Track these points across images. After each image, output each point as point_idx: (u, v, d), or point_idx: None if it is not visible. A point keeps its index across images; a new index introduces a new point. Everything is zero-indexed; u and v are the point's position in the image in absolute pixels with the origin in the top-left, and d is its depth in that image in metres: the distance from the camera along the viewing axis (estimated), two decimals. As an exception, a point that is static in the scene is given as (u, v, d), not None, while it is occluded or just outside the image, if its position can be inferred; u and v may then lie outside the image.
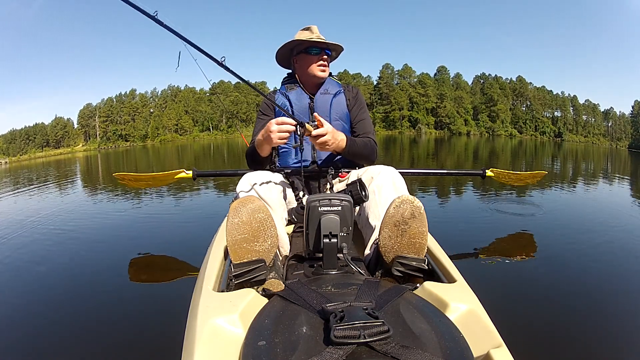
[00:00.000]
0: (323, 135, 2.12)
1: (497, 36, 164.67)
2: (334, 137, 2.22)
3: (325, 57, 2.65)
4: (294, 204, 2.33)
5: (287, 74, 2.87)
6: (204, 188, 9.27)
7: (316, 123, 2.12)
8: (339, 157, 2.60)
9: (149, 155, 36.86)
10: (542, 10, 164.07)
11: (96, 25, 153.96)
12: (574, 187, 10.00)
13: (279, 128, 2.10)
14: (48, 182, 13.96)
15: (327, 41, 2.62)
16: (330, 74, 2.75)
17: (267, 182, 2.09)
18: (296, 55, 2.71)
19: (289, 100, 2.67)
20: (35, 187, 12.48)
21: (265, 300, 1.34)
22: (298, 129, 2.09)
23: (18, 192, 11.50)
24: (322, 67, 2.64)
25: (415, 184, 8.91)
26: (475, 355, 1.14)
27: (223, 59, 1.82)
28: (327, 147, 2.20)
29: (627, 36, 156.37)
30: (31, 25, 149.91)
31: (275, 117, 2.64)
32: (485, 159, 21.24)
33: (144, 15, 1.64)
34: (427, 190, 8.57)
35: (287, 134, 2.13)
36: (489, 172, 4.31)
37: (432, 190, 8.60)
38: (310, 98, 2.68)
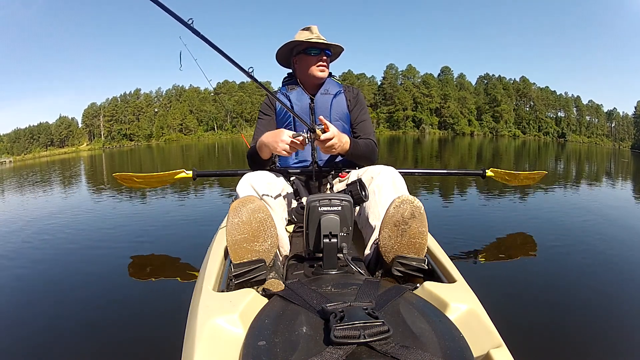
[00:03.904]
0: (330, 139, 2.13)
1: (501, 37, 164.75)
2: (340, 140, 2.22)
3: (325, 57, 2.64)
4: (294, 204, 2.32)
5: (288, 74, 2.86)
6: (204, 188, 9.29)
7: (323, 127, 2.13)
8: (339, 157, 2.60)
9: (153, 154, 36.92)
10: (546, 10, 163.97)
11: (99, 25, 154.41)
12: (575, 187, 9.99)
13: (291, 141, 2.11)
14: (51, 182, 14.02)
15: (326, 42, 2.61)
16: (330, 74, 2.74)
17: (267, 182, 2.09)
18: (296, 56, 2.70)
19: (289, 101, 2.66)
20: (39, 186, 12.53)
21: (265, 300, 1.33)
22: (309, 134, 2.10)
23: (21, 191, 11.56)
24: (321, 68, 2.63)
25: (415, 184, 8.90)
26: (475, 355, 1.14)
27: (251, 70, 1.85)
28: (333, 150, 2.21)
29: (630, 37, 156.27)
30: (32, 25, 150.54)
31: (276, 117, 2.65)
32: (489, 160, 21.23)
33: (180, 23, 1.69)
34: (427, 190, 8.56)
35: (293, 151, 2.15)
36: (489, 172, 4.31)
37: (432, 190, 8.59)
38: (311, 98, 2.67)
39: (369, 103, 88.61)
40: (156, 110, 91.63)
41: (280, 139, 2.13)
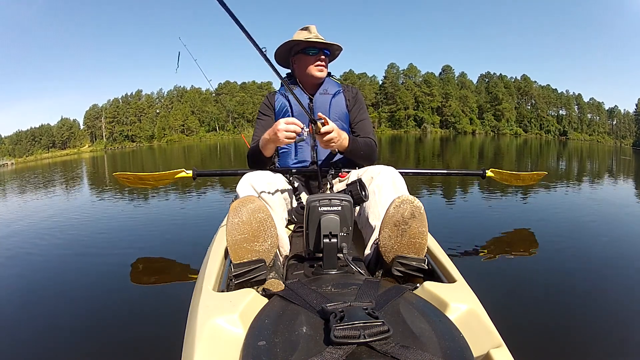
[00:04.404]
0: (330, 132, 2.15)
1: (502, 35, 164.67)
2: (339, 135, 2.25)
3: (323, 57, 2.65)
4: (294, 204, 2.34)
5: (286, 74, 2.87)
6: (204, 188, 9.27)
7: (322, 121, 2.15)
8: (339, 157, 2.61)
9: (155, 155, 36.95)
10: (547, 9, 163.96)
11: (99, 26, 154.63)
12: (576, 187, 9.91)
13: (287, 127, 2.13)
14: (52, 184, 14.05)
15: (324, 41, 2.62)
16: (329, 74, 2.75)
17: (267, 182, 2.09)
18: (294, 56, 2.72)
19: (288, 101, 2.68)
20: (39, 188, 12.57)
21: (265, 300, 1.33)
22: (309, 127, 2.15)
23: (22, 194, 11.61)
24: (320, 68, 2.63)
25: (415, 184, 8.89)
26: (475, 355, 1.14)
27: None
28: (333, 144, 2.23)
29: (630, 35, 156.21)
30: (32, 25, 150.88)
31: (275, 118, 2.65)
32: (491, 159, 21.20)
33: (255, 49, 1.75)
34: (427, 190, 8.54)
35: (295, 135, 2.16)
36: (489, 172, 4.29)
37: (432, 190, 8.57)
38: (310, 98, 2.68)
39: (370, 102, 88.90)
40: (158, 111, 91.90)
41: (277, 129, 2.15)
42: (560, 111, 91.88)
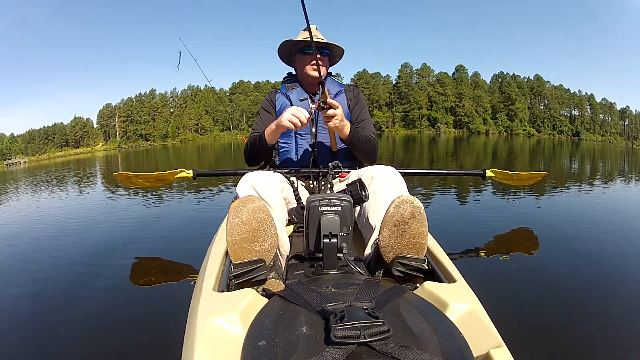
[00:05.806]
0: (335, 108, 2.21)
1: (515, 35, 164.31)
2: (343, 117, 2.30)
3: (320, 56, 2.65)
4: (294, 204, 2.35)
5: (288, 73, 2.91)
6: (204, 188, 9.25)
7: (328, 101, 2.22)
8: (339, 156, 2.61)
9: (169, 154, 37.09)
10: (560, 8, 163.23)
11: (114, 27, 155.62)
12: (579, 188, 9.68)
13: (294, 112, 2.20)
14: (56, 183, 14.24)
15: (321, 41, 2.64)
16: (329, 74, 2.77)
17: (267, 182, 2.09)
18: (294, 56, 2.76)
19: (289, 100, 2.70)
20: (45, 187, 12.80)
21: (265, 300, 1.33)
22: (316, 103, 2.23)
23: (27, 192, 11.86)
24: (315, 67, 2.63)
25: (415, 184, 8.87)
26: (475, 355, 1.14)
27: None
28: (336, 121, 2.27)
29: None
30: (44, 26, 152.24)
31: (276, 115, 2.69)
32: (504, 159, 20.98)
33: None
34: (427, 190, 8.48)
35: (298, 120, 2.21)
36: (489, 173, 4.26)
37: (432, 190, 8.50)
38: (311, 98, 2.70)
39: (384, 102, 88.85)
40: (172, 110, 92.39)
41: (285, 111, 2.25)
42: (573, 111, 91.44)
